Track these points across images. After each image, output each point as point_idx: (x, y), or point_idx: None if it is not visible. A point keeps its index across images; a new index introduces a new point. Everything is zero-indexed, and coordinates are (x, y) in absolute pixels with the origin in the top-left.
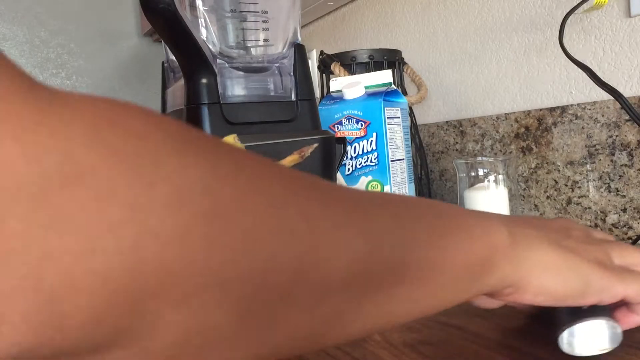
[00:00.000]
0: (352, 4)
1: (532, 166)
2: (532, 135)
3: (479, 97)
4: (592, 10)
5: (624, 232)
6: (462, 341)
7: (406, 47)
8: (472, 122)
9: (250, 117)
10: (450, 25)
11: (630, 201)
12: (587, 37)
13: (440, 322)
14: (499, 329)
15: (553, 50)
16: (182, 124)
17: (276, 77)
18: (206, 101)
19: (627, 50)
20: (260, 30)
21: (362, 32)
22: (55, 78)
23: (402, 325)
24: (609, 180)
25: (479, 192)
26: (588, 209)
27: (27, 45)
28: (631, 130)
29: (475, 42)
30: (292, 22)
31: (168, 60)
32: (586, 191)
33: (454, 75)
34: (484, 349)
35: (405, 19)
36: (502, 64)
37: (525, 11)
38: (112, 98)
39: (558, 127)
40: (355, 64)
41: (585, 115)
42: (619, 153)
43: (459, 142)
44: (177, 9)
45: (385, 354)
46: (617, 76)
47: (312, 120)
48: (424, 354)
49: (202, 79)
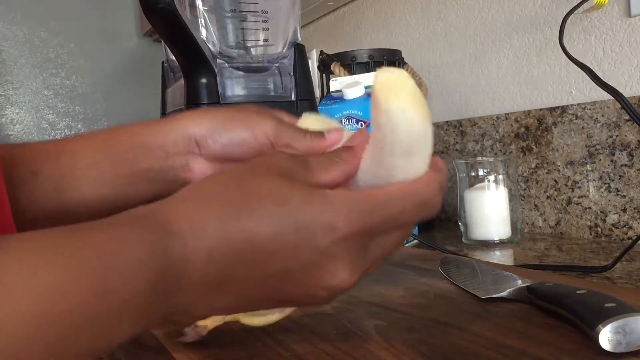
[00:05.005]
0: (352, 4)
1: (532, 166)
2: (532, 135)
3: (479, 97)
4: (592, 10)
5: (624, 232)
6: (462, 341)
7: (406, 47)
8: (472, 122)
9: None
10: (450, 25)
11: (630, 201)
12: (587, 37)
13: (441, 322)
14: (499, 329)
15: (553, 50)
16: None
17: (276, 77)
18: (206, 101)
19: (627, 50)
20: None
21: (362, 32)
22: (55, 78)
23: (402, 325)
24: (609, 180)
25: (479, 192)
26: (588, 209)
27: (27, 45)
28: (631, 130)
29: (475, 42)
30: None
31: (168, 60)
32: (586, 191)
33: (454, 75)
34: (484, 349)
35: (405, 19)
36: (502, 64)
37: (525, 11)
38: None
39: (558, 127)
40: (355, 64)
41: (586, 115)
42: (619, 153)
43: (459, 142)
44: (177, 9)
45: (385, 354)
46: (617, 76)
47: None
48: (424, 354)
49: (202, 79)
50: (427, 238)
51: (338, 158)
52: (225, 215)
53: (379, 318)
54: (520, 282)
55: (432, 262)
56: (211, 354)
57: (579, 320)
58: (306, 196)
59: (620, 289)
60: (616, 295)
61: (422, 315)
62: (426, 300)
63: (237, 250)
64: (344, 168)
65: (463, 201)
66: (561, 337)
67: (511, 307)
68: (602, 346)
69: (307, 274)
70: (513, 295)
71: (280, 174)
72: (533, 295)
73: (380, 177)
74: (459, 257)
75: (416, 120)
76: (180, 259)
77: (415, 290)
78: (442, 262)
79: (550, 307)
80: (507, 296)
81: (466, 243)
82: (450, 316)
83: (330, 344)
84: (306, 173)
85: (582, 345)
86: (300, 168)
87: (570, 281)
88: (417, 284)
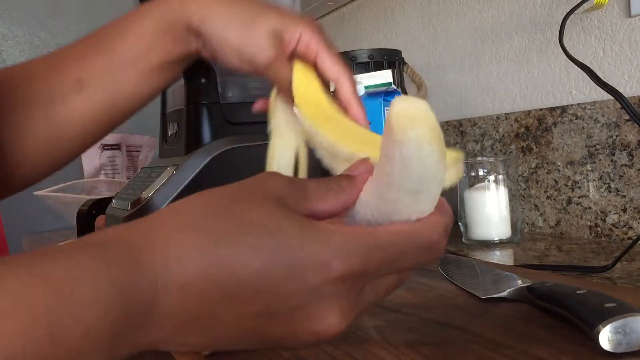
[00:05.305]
0: (352, 4)
1: (532, 166)
2: (532, 135)
3: (479, 96)
4: (592, 10)
5: (624, 232)
6: (462, 341)
7: (406, 47)
8: (472, 122)
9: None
10: (450, 25)
11: (631, 201)
12: (587, 37)
13: (440, 322)
14: (498, 329)
15: (553, 50)
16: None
17: None
18: (206, 101)
19: (627, 50)
20: None
21: (362, 32)
22: None
23: (402, 325)
24: (609, 180)
25: (479, 192)
26: (588, 209)
27: (27, 45)
28: (631, 130)
29: (475, 42)
30: None
31: None
32: (586, 191)
33: (454, 75)
34: (484, 349)
35: (405, 19)
36: (502, 64)
37: (525, 11)
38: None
39: (558, 127)
40: (355, 64)
41: (586, 115)
42: (619, 153)
43: (459, 142)
44: None
45: (385, 354)
46: (617, 76)
47: None
48: (424, 354)
49: (202, 79)
50: None
51: (338, 187)
52: (207, 246)
53: (379, 318)
54: (520, 282)
55: None
56: (211, 354)
57: (579, 320)
58: (301, 229)
59: (620, 289)
60: (616, 295)
61: (422, 315)
62: (426, 300)
63: (217, 286)
64: (343, 199)
65: (463, 201)
66: (561, 337)
67: (511, 307)
68: (602, 346)
69: (294, 316)
70: (513, 295)
71: (275, 201)
72: (533, 295)
73: (380, 213)
74: (459, 257)
75: (432, 158)
76: (150, 293)
77: (415, 290)
78: (442, 262)
79: (550, 307)
80: (507, 296)
81: (466, 243)
82: (450, 316)
83: (330, 344)
84: (303, 202)
85: (582, 345)
86: (297, 195)
87: (570, 281)
88: (417, 284)
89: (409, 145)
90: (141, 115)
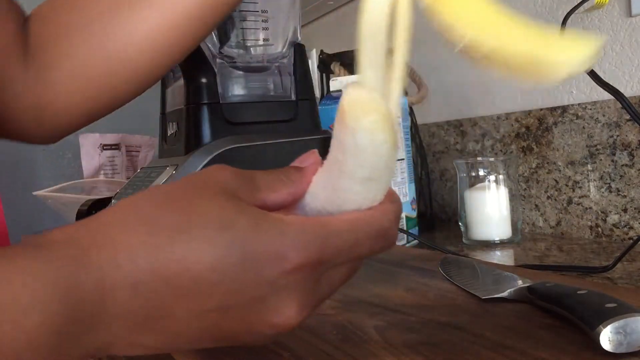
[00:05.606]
0: (352, 4)
1: (533, 166)
2: (533, 135)
3: (479, 96)
4: (592, 10)
5: (625, 232)
6: (462, 341)
7: None
8: (472, 121)
9: (249, 117)
10: None
11: (631, 201)
12: None
13: (440, 322)
14: (499, 329)
15: None
16: None
17: (276, 77)
18: (206, 101)
19: (628, 49)
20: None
21: None
22: None
23: (402, 325)
24: (610, 180)
25: (480, 192)
26: (589, 209)
27: None
28: (632, 130)
29: None
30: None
31: None
32: (587, 191)
33: (454, 74)
34: (484, 349)
35: None
36: None
37: (525, 11)
38: None
39: (559, 127)
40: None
41: (586, 115)
42: (619, 153)
43: (460, 142)
44: None
45: (385, 354)
46: (617, 76)
47: (312, 120)
48: (424, 354)
49: (202, 79)
50: (428, 238)
51: (287, 178)
52: (158, 242)
53: (379, 318)
54: (520, 282)
55: (433, 262)
56: (211, 354)
57: (580, 321)
58: (255, 221)
59: (621, 290)
60: (617, 295)
61: (422, 315)
62: (426, 301)
63: (170, 283)
64: (293, 190)
65: (463, 201)
66: (561, 338)
67: (511, 308)
68: (602, 346)
69: (251, 309)
70: (513, 296)
71: (227, 193)
72: (533, 295)
73: (331, 203)
74: (459, 257)
75: (385, 146)
76: (97, 293)
77: (416, 291)
78: (443, 262)
79: (551, 308)
80: (508, 296)
81: (466, 243)
82: (450, 316)
83: (330, 344)
84: (254, 193)
85: (582, 345)
86: (248, 187)
87: (570, 281)
88: (417, 284)
89: (362, 133)
90: (141, 115)
